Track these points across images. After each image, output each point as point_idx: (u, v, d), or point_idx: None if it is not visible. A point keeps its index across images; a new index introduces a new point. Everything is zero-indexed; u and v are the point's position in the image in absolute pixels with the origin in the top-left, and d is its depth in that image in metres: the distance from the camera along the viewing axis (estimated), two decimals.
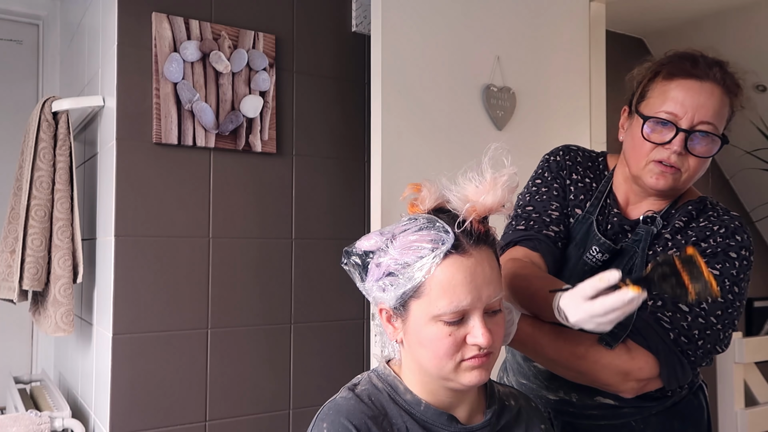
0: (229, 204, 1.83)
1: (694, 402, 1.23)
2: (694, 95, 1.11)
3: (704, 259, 0.99)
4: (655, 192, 1.18)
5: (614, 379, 1.07)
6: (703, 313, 1.07)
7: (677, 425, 1.20)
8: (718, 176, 3.72)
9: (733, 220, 1.17)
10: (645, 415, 1.19)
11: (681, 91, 1.12)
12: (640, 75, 1.20)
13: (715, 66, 1.14)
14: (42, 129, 1.82)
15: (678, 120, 1.11)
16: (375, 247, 0.93)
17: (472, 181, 0.91)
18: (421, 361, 0.93)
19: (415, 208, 0.96)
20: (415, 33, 1.90)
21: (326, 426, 0.91)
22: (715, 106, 1.11)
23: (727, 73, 1.15)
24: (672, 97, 1.12)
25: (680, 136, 1.11)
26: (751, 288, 1.15)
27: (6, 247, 1.87)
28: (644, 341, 1.06)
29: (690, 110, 1.10)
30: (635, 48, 3.41)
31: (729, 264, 1.10)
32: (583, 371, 1.08)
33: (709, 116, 1.11)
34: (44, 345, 2.47)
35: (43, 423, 1.70)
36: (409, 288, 0.90)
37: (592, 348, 1.07)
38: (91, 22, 1.99)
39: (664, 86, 1.14)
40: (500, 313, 0.93)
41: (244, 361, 1.83)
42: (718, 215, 1.18)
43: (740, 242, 1.13)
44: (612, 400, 1.17)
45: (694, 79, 1.12)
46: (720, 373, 2.76)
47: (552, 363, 1.12)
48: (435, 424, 0.95)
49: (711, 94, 1.11)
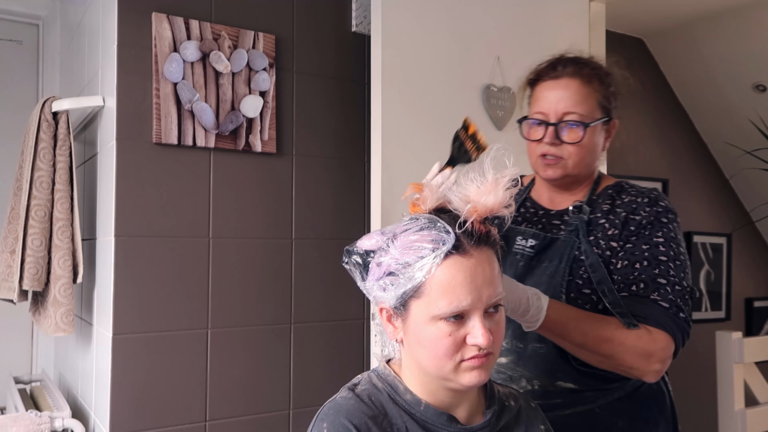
0: (229, 204, 1.83)
1: (655, 387, 1.29)
2: (553, 93, 1.26)
3: (642, 230, 1.21)
4: (553, 182, 1.32)
5: (639, 361, 1.13)
6: (677, 279, 1.18)
7: (641, 410, 1.26)
8: (718, 176, 3.72)
9: (651, 191, 1.29)
10: (608, 400, 1.24)
11: (543, 92, 1.28)
12: (520, 91, 1.38)
13: (570, 63, 1.28)
14: (42, 129, 1.82)
15: (547, 117, 1.26)
16: (376, 246, 0.93)
17: (473, 182, 0.91)
18: (421, 361, 0.93)
19: (417, 208, 0.96)
20: (415, 33, 1.90)
21: (326, 426, 0.91)
22: (573, 96, 1.25)
23: (582, 65, 1.28)
24: (538, 99, 1.29)
25: (549, 130, 1.25)
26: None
27: (6, 247, 1.87)
28: (657, 323, 1.14)
29: (553, 106, 1.25)
30: (635, 48, 3.42)
31: (666, 229, 1.22)
32: (609, 354, 1.14)
33: (570, 107, 1.24)
34: (44, 345, 2.47)
35: (43, 423, 1.70)
36: (409, 288, 0.90)
37: (617, 331, 1.13)
38: (91, 22, 1.99)
39: (534, 93, 1.32)
40: (500, 313, 0.93)
41: (244, 361, 1.83)
42: (637, 190, 1.30)
43: (665, 207, 1.25)
44: (572, 384, 1.24)
45: (552, 79, 1.28)
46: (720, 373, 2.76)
47: (579, 347, 1.16)
48: (435, 424, 0.95)
49: (567, 87, 1.25)
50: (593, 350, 1.14)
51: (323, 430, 0.91)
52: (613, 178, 1.37)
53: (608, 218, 1.26)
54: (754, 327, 3.80)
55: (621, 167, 3.20)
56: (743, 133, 3.42)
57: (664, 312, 1.15)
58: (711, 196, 3.69)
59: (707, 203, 3.66)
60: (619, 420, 1.25)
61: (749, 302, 3.80)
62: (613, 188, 1.32)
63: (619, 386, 1.25)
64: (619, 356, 1.13)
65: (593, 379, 1.23)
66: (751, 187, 3.67)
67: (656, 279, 1.17)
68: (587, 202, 1.30)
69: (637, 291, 1.17)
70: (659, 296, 1.16)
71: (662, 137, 3.49)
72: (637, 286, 1.17)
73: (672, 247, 1.20)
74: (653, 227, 1.22)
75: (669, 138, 3.53)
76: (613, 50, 2.72)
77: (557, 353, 1.25)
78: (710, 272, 3.60)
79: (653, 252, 1.19)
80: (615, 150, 2.90)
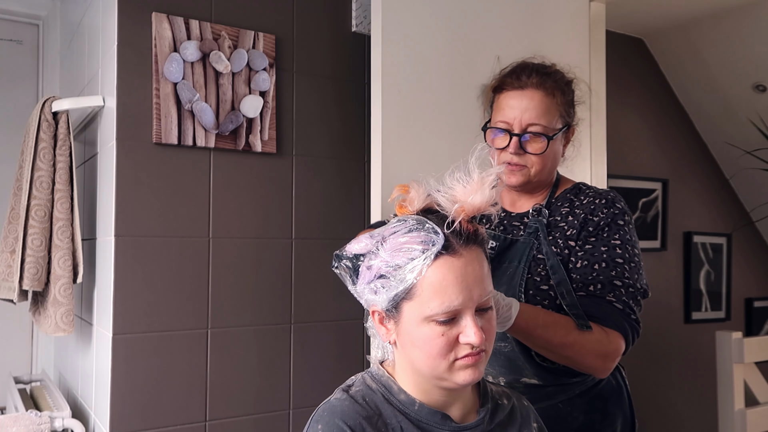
0: (229, 204, 1.83)
1: (613, 382, 1.36)
2: (518, 104, 1.30)
3: (601, 231, 1.27)
4: (515, 188, 1.36)
5: (596, 361, 1.20)
6: (631, 282, 1.24)
7: (601, 404, 1.32)
8: (719, 176, 3.72)
9: (608, 192, 1.34)
10: (570, 396, 1.30)
11: (508, 101, 1.32)
12: (485, 96, 1.42)
13: (533, 73, 1.32)
14: (42, 129, 1.82)
15: (511, 127, 1.30)
16: (365, 249, 0.94)
17: (459, 182, 0.92)
18: (415, 361, 0.93)
19: (404, 210, 0.96)
20: (415, 33, 1.90)
21: (321, 427, 0.91)
22: (537, 108, 1.29)
23: (545, 76, 1.32)
24: (502, 108, 1.33)
25: (514, 140, 1.30)
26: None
27: (6, 247, 1.87)
28: (612, 323, 1.20)
29: (518, 117, 1.30)
30: (635, 48, 3.42)
31: (622, 232, 1.28)
32: (570, 356, 1.19)
33: (534, 118, 1.29)
34: (44, 345, 2.47)
35: (43, 423, 1.70)
36: (401, 290, 0.90)
37: (579, 336, 1.19)
38: (91, 22, 1.99)
39: (498, 101, 1.35)
40: (491, 311, 0.94)
41: (244, 361, 1.83)
42: (595, 191, 1.35)
43: (621, 209, 1.31)
44: (536, 380, 1.28)
45: (517, 89, 1.31)
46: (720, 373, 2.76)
47: (544, 349, 1.21)
48: (429, 423, 0.95)
49: (531, 98, 1.30)
50: (556, 353, 1.20)
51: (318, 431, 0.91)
52: (572, 181, 1.42)
53: (567, 220, 1.32)
54: (754, 327, 3.80)
55: (621, 167, 3.20)
56: (743, 133, 3.42)
57: (619, 313, 1.21)
58: (711, 196, 3.68)
59: (707, 203, 3.66)
60: (580, 414, 1.30)
61: (749, 302, 3.80)
62: (571, 191, 1.37)
63: (579, 381, 1.31)
64: (579, 358, 1.19)
65: (555, 374, 1.28)
66: (751, 187, 3.67)
67: (613, 281, 1.23)
68: (546, 205, 1.36)
69: (594, 291, 1.23)
70: (614, 298, 1.22)
71: (662, 137, 3.49)
72: (594, 287, 1.23)
73: (628, 249, 1.26)
74: (611, 229, 1.28)
75: (669, 138, 3.52)
76: (613, 50, 2.72)
77: (521, 351, 1.29)
78: (710, 272, 3.60)
79: (611, 254, 1.25)
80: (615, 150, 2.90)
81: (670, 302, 3.48)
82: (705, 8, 2.98)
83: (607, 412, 1.33)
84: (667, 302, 3.47)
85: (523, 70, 1.34)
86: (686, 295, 3.52)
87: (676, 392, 3.42)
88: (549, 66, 1.36)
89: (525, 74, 1.33)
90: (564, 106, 1.33)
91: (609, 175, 2.47)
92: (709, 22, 3.09)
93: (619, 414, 1.34)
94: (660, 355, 3.37)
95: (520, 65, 1.36)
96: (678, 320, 3.51)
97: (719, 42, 3.18)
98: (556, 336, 1.18)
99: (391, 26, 1.85)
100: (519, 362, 1.30)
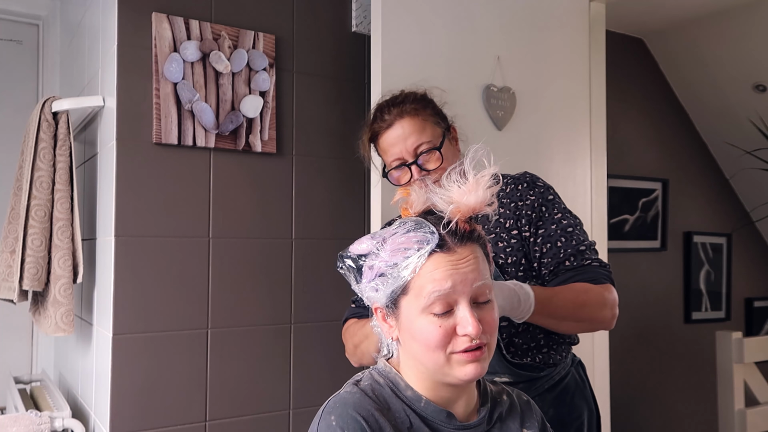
0: (229, 204, 1.83)
1: (576, 376, 1.44)
2: (396, 138, 1.38)
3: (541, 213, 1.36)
4: None
5: (608, 312, 1.30)
6: (587, 241, 1.35)
7: (567, 398, 1.40)
8: (718, 176, 3.73)
9: (523, 175, 1.42)
10: (539, 392, 1.36)
11: (388, 140, 1.40)
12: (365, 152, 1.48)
13: (391, 108, 1.40)
14: (42, 129, 1.82)
15: (403, 159, 1.38)
16: (367, 250, 0.98)
17: (456, 183, 0.95)
18: (416, 355, 0.96)
19: (407, 212, 1.01)
20: (415, 33, 1.90)
21: (334, 418, 0.92)
22: (413, 130, 1.38)
23: (401, 104, 1.40)
24: (387, 149, 1.41)
25: (414, 167, 1.38)
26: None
27: (6, 247, 1.87)
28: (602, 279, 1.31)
29: (403, 147, 1.38)
30: (635, 48, 3.42)
31: (556, 203, 1.38)
32: (588, 315, 1.29)
33: (417, 140, 1.37)
34: (44, 345, 2.47)
35: (43, 423, 1.70)
36: (397, 286, 0.94)
37: (586, 294, 1.28)
38: (91, 22, 1.99)
39: (380, 147, 1.43)
40: (490, 303, 0.96)
41: (244, 361, 1.83)
42: (511, 178, 1.42)
43: (543, 185, 1.40)
44: (508, 377, 1.34)
45: (388, 129, 1.40)
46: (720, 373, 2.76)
47: (562, 320, 1.28)
48: (435, 420, 0.97)
49: (403, 127, 1.38)
50: (573, 318, 1.28)
51: (332, 423, 0.92)
52: None
53: (500, 213, 1.39)
54: (754, 327, 3.81)
55: (621, 167, 3.20)
56: (743, 133, 3.42)
57: (598, 269, 1.32)
58: (711, 196, 3.69)
59: (707, 203, 3.66)
60: (550, 408, 1.35)
61: (749, 302, 3.80)
62: None
63: (546, 375, 1.37)
64: (593, 315, 1.29)
65: (525, 369, 1.34)
66: (751, 187, 3.67)
67: (578, 248, 1.33)
68: None
69: (572, 264, 1.32)
70: (588, 259, 1.33)
71: (662, 137, 3.49)
72: (569, 261, 1.33)
73: (568, 217, 1.37)
74: (547, 208, 1.37)
75: (669, 138, 3.53)
76: (613, 50, 2.72)
77: None
78: (710, 272, 3.60)
79: (562, 227, 1.35)
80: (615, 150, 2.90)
81: (670, 302, 3.48)
82: (705, 8, 2.98)
83: (574, 405, 1.40)
84: (667, 302, 3.47)
85: (383, 111, 1.42)
86: (686, 295, 3.53)
87: (676, 392, 3.42)
88: (398, 94, 1.44)
89: (386, 113, 1.41)
90: (432, 116, 1.41)
91: (609, 175, 2.47)
92: (709, 22, 3.09)
93: (584, 406, 1.42)
94: (660, 355, 3.38)
95: (378, 109, 1.44)
96: (678, 320, 3.51)
97: (719, 42, 3.18)
98: (570, 299, 1.26)
99: (391, 26, 1.85)
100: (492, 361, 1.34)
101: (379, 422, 0.92)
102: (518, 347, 1.35)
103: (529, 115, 2.10)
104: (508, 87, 2.06)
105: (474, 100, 1.99)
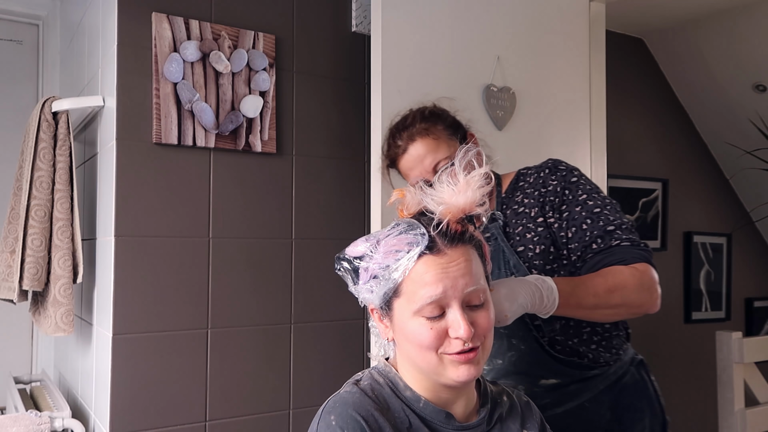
0: (229, 204, 1.83)
1: (636, 375, 1.35)
2: (414, 159, 1.35)
3: (564, 197, 1.30)
4: None
5: (644, 295, 1.21)
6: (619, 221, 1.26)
7: (626, 400, 1.32)
8: (718, 176, 3.72)
9: (545, 162, 1.38)
10: (594, 393, 1.29)
11: (408, 164, 1.37)
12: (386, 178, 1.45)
13: (403, 132, 1.37)
14: (42, 129, 1.82)
15: (428, 177, 1.32)
16: (362, 252, 0.98)
17: (447, 185, 0.96)
18: (411, 356, 0.96)
19: (403, 213, 1.02)
20: (415, 33, 1.90)
21: (334, 418, 0.92)
22: (429, 149, 1.34)
23: (410, 126, 1.37)
24: (409, 172, 1.37)
25: None
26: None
27: (6, 247, 1.87)
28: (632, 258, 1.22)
29: (422, 168, 1.34)
30: (635, 48, 3.41)
31: (581, 185, 1.31)
32: (621, 302, 1.20)
33: (435, 158, 1.34)
34: (44, 345, 2.47)
35: (43, 423, 1.70)
36: (389, 288, 0.95)
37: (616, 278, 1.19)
38: (91, 22, 1.99)
39: (401, 170, 1.40)
40: (484, 306, 0.96)
41: (244, 361, 1.83)
42: (535, 168, 1.38)
43: (566, 167, 1.34)
44: (555, 379, 1.28)
45: (404, 153, 1.36)
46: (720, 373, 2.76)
47: (594, 309, 1.20)
48: (434, 420, 0.97)
49: (418, 148, 1.35)
50: (606, 305, 1.19)
51: (331, 422, 0.92)
52: (513, 172, 1.44)
53: (525, 203, 1.35)
54: (754, 327, 3.80)
55: (621, 167, 3.20)
56: (743, 133, 3.42)
57: (630, 248, 1.23)
58: (711, 196, 3.68)
59: (707, 203, 3.66)
60: (607, 412, 1.30)
61: (749, 302, 3.80)
62: (515, 180, 1.41)
63: (600, 374, 1.30)
64: (628, 299, 1.19)
65: (572, 367, 1.28)
66: (751, 187, 3.67)
67: (606, 228, 1.25)
68: (498, 206, 1.39)
69: (599, 247, 1.24)
70: (617, 239, 1.24)
71: (662, 137, 3.49)
72: (596, 243, 1.25)
73: (596, 198, 1.29)
74: (570, 191, 1.31)
75: (669, 138, 3.52)
76: (613, 50, 2.72)
77: (531, 351, 1.29)
78: (710, 272, 3.60)
79: (587, 209, 1.27)
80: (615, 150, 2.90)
81: (670, 302, 3.48)
82: (705, 8, 2.98)
83: (634, 407, 1.32)
84: (667, 302, 3.45)
85: (394, 137, 1.39)
86: (686, 295, 3.52)
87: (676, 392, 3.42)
88: (407, 115, 1.41)
89: (398, 138, 1.38)
90: (445, 130, 1.37)
91: (609, 175, 2.47)
92: (709, 22, 3.09)
93: (647, 410, 1.34)
94: (660, 355, 3.37)
95: (389, 135, 1.42)
96: (678, 320, 3.51)
97: (719, 42, 3.18)
98: (598, 285, 1.18)
99: (391, 26, 1.85)
100: (534, 363, 1.30)
101: (378, 422, 0.92)
102: (563, 345, 1.30)
103: (529, 115, 2.10)
104: (508, 87, 2.06)
105: (474, 100, 1.99)
